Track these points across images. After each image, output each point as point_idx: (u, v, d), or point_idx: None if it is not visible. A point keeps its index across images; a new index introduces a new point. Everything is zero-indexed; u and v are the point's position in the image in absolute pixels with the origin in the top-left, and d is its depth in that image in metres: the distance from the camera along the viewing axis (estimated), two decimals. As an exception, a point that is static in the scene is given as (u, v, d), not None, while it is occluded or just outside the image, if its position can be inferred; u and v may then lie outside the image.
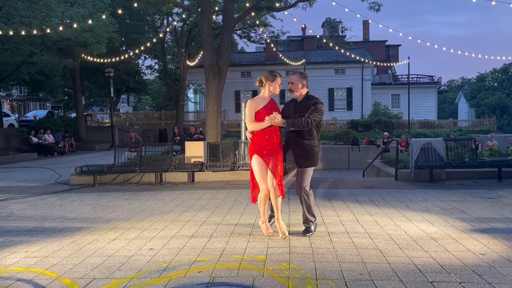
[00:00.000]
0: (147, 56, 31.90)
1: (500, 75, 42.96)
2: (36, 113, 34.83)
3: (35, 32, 15.71)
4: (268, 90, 4.73)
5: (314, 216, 4.91)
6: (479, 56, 20.59)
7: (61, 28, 16.09)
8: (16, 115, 36.03)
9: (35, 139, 19.79)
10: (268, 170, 4.63)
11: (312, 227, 4.88)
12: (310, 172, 4.83)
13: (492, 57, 22.10)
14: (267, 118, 4.54)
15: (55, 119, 26.04)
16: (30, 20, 15.75)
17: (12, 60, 18.69)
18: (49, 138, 20.30)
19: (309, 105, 4.71)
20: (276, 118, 4.52)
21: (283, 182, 4.73)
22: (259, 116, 4.64)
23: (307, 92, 4.89)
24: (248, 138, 4.81)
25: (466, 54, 20.50)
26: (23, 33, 15.50)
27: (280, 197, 4.70)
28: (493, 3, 14.13)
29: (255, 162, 4.67)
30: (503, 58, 20.63)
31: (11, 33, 15.32)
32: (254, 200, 4.89)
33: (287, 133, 4.85)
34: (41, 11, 16.18)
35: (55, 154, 19.50)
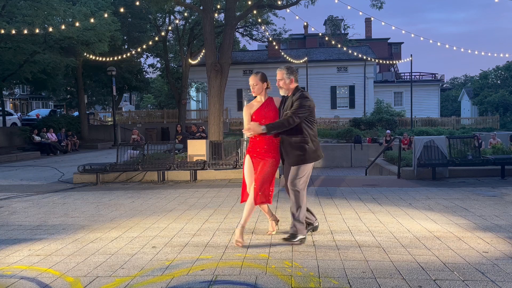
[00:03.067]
0: (149, 55, 31.96)
1: (503, 73, 42.78)
2: (39, 111, 34.96)
3: (37, 31, 15.75)
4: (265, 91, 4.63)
5: (300, 222, 4.42)
6: (482, 53, 20.55)
7: (63, 27, 16.13)
8: (19, 114, 36.18)
9: (37, 138, 19.83)
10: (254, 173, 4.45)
11: (299, 236, 4.36)
12: (303, 169, 4.44)
13: (495, 55, 22.07)
14: (244, 131, 4.45)
15: (57, 117, 26.08)
16: (32, 19, 15.79)
17: (15, 59, 18.76)
18: (52, 136, 20.34)
19: (293, 102, 4.43)
20: (251, 129, 4.32)
21: (273, 188, 4.52)
22: (254, 120, 4.50)
23: (296, 86, 4.56)
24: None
25: (469, 51, 20.46)
26: (25, 32, 15.54)
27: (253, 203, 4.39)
28: (496, 0, 14.06)
29: (246, 162, 4.55)
30: (506, 55, 20.59)
31: (13, 32, 15.37)
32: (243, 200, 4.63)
33: (281, 134, 4.56)
34: (43, 10, 16.21)
35: (57, 153, 19.54)
